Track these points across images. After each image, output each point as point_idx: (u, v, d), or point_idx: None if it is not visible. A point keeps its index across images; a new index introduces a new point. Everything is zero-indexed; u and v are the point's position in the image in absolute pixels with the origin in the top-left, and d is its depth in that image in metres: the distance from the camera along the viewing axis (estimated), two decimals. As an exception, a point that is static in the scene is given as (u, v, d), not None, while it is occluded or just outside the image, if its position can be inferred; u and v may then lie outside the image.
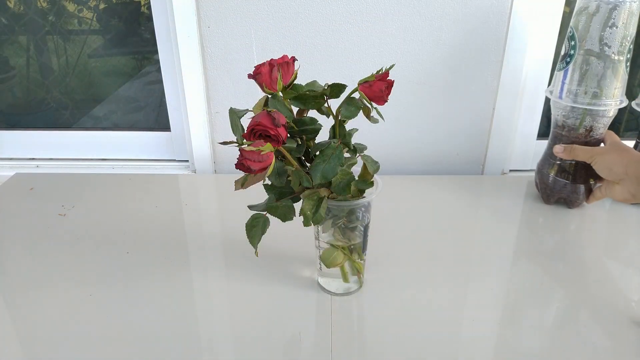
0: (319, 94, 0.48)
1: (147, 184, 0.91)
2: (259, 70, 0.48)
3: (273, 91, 0.48)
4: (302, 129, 0.50)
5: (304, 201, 0.50)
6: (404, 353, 0.54)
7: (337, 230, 0.58)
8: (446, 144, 0.96)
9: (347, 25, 0.86)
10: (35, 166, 1.04)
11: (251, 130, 0.44)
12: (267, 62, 0.48)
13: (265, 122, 0.43)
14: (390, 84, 0.48)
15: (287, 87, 0.50)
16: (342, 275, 0.60)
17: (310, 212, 0.50)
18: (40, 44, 1.04)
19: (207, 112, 0.94)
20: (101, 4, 1.02)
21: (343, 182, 0.50)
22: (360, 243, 0.59)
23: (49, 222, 0.79)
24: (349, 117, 0.48)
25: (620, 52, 0.70)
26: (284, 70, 0.48)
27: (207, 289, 0.64)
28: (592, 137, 0.76)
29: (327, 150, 0.48)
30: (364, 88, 0.48)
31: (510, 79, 0.90)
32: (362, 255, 0.61)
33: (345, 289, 0.62)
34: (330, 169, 0.48)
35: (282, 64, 0.48)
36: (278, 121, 0.43)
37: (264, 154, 0.42)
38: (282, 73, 0.48)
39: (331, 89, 0.48)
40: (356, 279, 0.62)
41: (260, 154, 0.42)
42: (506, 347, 0.55)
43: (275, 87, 0.48)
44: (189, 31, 0.87)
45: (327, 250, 0.58)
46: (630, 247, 0.74)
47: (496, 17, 0.85)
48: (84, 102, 1.10)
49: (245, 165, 0.42)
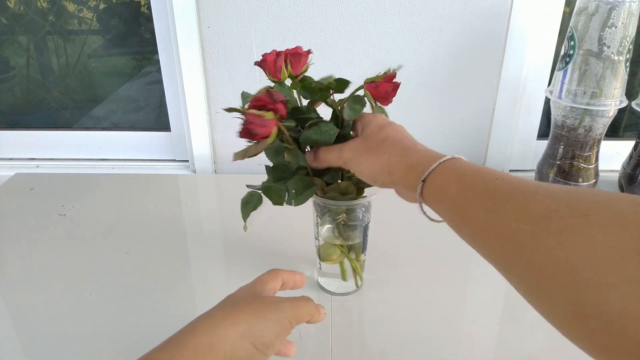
0: (324, 86, 0.48)
1: (147, 184, 0.91)
2: (265, 57, 0.49)
3: (276, 79, 0.49)
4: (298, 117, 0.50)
5: (294, 179, 0.50)
6: (404, 353, 0.54)
7: (336, 227, 0.58)
8: (446, 144, 0.96)
9: (347, 25, 0.86)
10: (35, 166, 1.04)
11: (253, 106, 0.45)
12: (275, 51, 0.49)
13: (265, 98, 0.44)
14: (397, 86, 0.47)
15: (296, 77, 0.50)
16: (341, 273, 0.61)
17: (294, 190, 0.50)
18: (40, 44, 1.04)
19: (207, 112, 0.94)
20: (101, 4, 1.02)
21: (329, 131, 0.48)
22: (359, 243, 0.59)
23: (49, 222, 0.79)
24: (353, 117, 0.48)
25: (619, 52, 0.70)
26: (294, 61, 0.49)
27: (207, 288, 0.65)
28: (591, 137, 0.76)
29: (324, 125, 0.48)
30: (370, 87, 0.48)
31: (510, 79, 0.90)
32: (359, 255, 0.61)
33: (345, 288, 0.62)
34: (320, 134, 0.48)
35: (293, 55, 0.49)
36: (276, 97, 0.44)
37: (266, 119, 0.43)
38: (293, 63, 0.49)
39: (336, 83, 0.48)
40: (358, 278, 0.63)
41: (263, 118, 0.43)
42: (506, 346, 0.55)
43: (279, 76, 0.49)
44: (189, 31, 0.87)
45: (324, 244, 0.59)
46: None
47: (496, 17, 0.85)
48: (84, 102, 1.10)
49: (249, 130, 0.43)
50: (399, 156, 0.43)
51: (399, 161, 0.42)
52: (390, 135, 0.45)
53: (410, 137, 0.46)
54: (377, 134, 0.45)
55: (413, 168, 0.41)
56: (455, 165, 0.39)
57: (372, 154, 0.44)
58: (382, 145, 0.44)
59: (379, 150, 0.44)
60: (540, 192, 0.30)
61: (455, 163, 0.39)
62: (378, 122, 0.47)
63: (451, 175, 0.38)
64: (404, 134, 0.46)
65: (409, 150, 0.43)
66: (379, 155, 0.44)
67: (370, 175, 0.45)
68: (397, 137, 0.45)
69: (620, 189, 0.86)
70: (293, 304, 0.38)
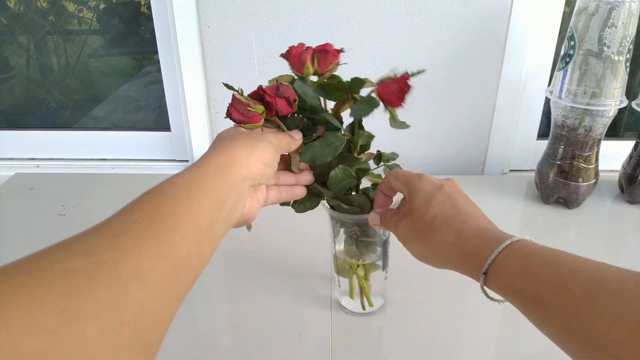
0: (340, 85, 0.46)
1: (147, 184, 0.91)
2: (291, 50, 0.48)
3: (300, 73, 0.48)
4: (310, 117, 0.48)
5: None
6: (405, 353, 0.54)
7: (349, 240, 0.53)
8: (446, 144, 0.96)
9: (347, 25, 0.86)
10: (35, 166, 1.04)
11: (254, 93, 0.45)
12: (302, 44, 0.48)
13: (269, 90, 0.44)
14: (403, 88, 0.43)
15: (322, 75, 0.48)
16: (349, 290, 0.57)
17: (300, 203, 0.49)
18: (40, 44, 1.04)
19: (207, 112, 0.94)
20: (101, 4, 1.02)
21: (341, 182, 0.47)
22: (375, 260, 0.55)
23: (49, 222, 0.79)
24: (358, 115, 0.45)
25: (619, 52, 0.70)
26: (321, 58, 0.47)
27: (207, 288, 0.64)
28: (591, 137, 0.76)
29: (330, 136, 0.46)
30: (379, 88, 0.45)
31: (510, 79, 0.90)
32: (369, 273, 0.55)
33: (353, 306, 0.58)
34: (321, 154, 0.45)
35: (321, 51, 0.47)
36: (281, 93, 0.43)
37: (251, 110, 0.43)
38: (320, 60, 0.47)
39: (351, 83, 0.45)
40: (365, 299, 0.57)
41: (247, 108, 0.43)
42: (506, 346, 0.55)
43: (302, 70, 0.48)
44: (189, 31, 0.87)
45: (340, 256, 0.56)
46: (630, 247, 0.74)
47: (496, 17, 0.85)
48: (84, 102, 1.10)
49: (229, 112, 0.43)
50: (453, 243, 0.38)
51: (453, 248, 0.38)
52: (440, 211, 0.40)
53: (463, 206, 0.41)
54: (425, 210, 0.41)
55: (470, 256, 0.37)
56: (518, 252, 0.34)
57: (422, 238, 0.41)
58: (432, 227, 0.40)
59: (428, 234, 0.40)
60: (628, 290, 0.27)
61: (518, 249, 0.34)
62: (425, 191, 0.42)
63: (516, 266, 0.34)
64: (454, 202, 0.41)
65: (462, 233, 0.38)
66: (430, 239, 0.40)
67: (424, 260, 0.42)
68: (447, 213, 0.40)
69: (620, 189, 0.87)
70: (275, 134, 0.44)
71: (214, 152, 0.39)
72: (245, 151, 0.39)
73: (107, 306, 0.25)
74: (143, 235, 0.30)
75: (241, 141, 0.40)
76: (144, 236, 0.29)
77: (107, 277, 0.26)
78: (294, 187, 0.48)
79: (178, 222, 0.32)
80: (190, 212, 0.33)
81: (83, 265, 0.26)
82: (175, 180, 0.36)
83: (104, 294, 0.25)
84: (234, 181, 0.38)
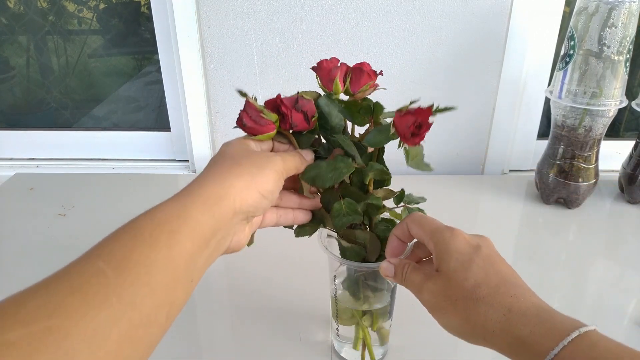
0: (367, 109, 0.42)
1: (147, 184, 0.91)
2: (322, 63, 0.45)
3: (328, 90, 0.45)
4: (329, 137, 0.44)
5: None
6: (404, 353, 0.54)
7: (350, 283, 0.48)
8: (446, 144, 0.96)
9: (346, 25, 0.86)
10: (35, 166, 1.04)
11: (271, 101, 0.42)
12: (336, 59, 0.45)
13: (287, 100, 0.41)
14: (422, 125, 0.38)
15: (353, 95, 0.45)
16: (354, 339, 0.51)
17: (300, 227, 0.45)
18: (40, 44, 1.04)
19: (207, 112, 0.94)
20: (101, 4, 1.02)
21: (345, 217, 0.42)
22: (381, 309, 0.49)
23: (49, 222, 0.79)
24: (371, 144, 0.41)
25: (619, 52, 0.70)
26: (355, 77, 0.44)
27: (207, 287, 0.64)
28: (591, 137, 0.76)
29: (340, 161, 0.41)
30: (396, 117, 0.40)
31: (510, 79, 0.90)
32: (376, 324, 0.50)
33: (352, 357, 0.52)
34: (323, 177, 0.41)
35: (355, 70, 0.44)
36: (300, 106, 0.41)
37: (264, 117, 0.40)
38: (353, 79, 0.44)
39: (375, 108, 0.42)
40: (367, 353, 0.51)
41: (260, 114, 0.40)
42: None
43: (330, 87, 0.44)
44: (189, 31, 0.87)
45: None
46: (630, 247, 0.74)
47: (496, 17, 0.85)
48: (84, 102, 1.10)
49: (241, 118, 0.40)
50: (501, 321, 0.32)
51: (501, 328, 0.32)
52: (482, 280, 0.34)
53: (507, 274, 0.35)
54: (463, 276, 0.34)
55: (524, 345, 0.31)
56: (583, 346, 0.30)
57: (460, 310, 0.34)
58: (473, 299, 0.33)
59: (468, 306, 0.33)
60: None
61: (583, 342, 0.30)
62: (460, 251, 0.35)
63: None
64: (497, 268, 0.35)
65: (513, 311, 0.32)
66: (469, 313, 0.33)
67: (459, 335, 0.35)
68: (492, 284, 0.34)
69: (620, 189, 0.87)
70: (283, 157, 0.39)
71: (207, 178, 0.35)
72: (244, 181, 0.36)
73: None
74: (105, 290, 0.26)
75: (241, 167, 0.36)
76: (106, 291, 0.26)
77: (53, 352, 0.23)
78: (296, 210, 0.44)
79: (151, 270, 0.28)
80: (167, 257, 0.30)
81: (25, 336, 0.23)
82: (156, 214, 0.32)
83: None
84: (223, 217, 0.34)
